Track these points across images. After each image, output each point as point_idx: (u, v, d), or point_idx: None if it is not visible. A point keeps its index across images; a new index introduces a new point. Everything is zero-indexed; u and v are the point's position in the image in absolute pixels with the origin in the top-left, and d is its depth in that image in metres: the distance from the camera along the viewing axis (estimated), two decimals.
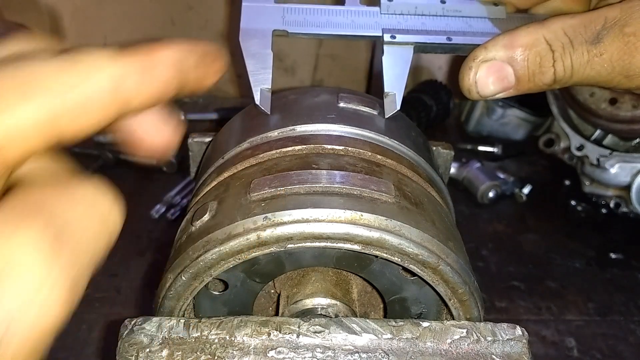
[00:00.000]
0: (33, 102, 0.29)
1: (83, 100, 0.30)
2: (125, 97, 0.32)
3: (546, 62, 0.43)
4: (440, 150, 0.62)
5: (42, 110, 0.29)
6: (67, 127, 0.30)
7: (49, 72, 0.30)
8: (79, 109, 0.30)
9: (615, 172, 1.07)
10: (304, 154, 0.48)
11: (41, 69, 0.30)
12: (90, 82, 0.31)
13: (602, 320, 0.87)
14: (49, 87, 0.29)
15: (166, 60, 0.35)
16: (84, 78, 0.31)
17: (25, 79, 0.29)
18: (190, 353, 0.40)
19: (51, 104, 0.29)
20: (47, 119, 0.29)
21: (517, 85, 0.45)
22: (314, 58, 1.54)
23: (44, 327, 0.25)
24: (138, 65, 0.33)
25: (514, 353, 0.41)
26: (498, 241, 1.05)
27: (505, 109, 1.34)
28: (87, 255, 0.30)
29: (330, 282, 0.49)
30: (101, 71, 0.32)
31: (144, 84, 0.33)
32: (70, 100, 0.30)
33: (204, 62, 0.39)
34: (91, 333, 0.80)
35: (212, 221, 0.43)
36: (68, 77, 0.30)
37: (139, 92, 0.33)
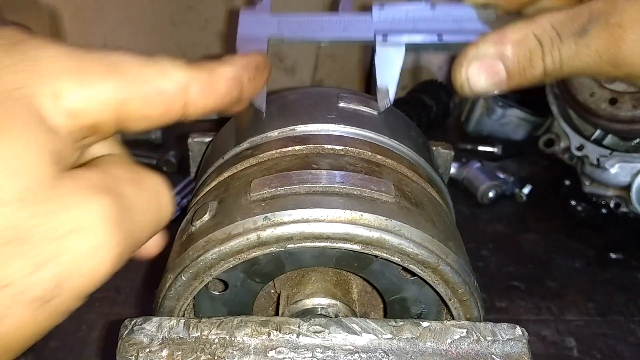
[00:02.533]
0: (113, 81, 0.34)
1: (153, 93, 0.35)
2: (187, 102, 0.37)
3: (536, 56, 0.44)
4: (440, 150, 0.62)
5: (118, 90, 0.34)
6: (134, 113, 0.35)
7: (132, 63, 0.35)
8: (147, 100, 0.35)
9: (615, 172, 1.07)
10: (304, 154, 0.48)
11: (125, 59, 0.35)
12: (163, 79, 0.35)
13: (602, 320, 0.87)
14: (129, 74, 0.34)
15: (226, 76, 0.40)
16: (159, 75, 0.35)
17: (110, 62, 0.35)
18: (190, 353, 0.40)
19: (127, 88, 0.34)
20: (121, 98, 0.34)
21: (508, 80, 0.45)
22: (314, 58, 1.54)
23: (90, 281, 0.31)
24: (203, 77, 0.38)
25: (514, 353, 0.41)
26: (498, 241, 1.05)
27: (505, 109, 1.34)
28: (140, 236, 0.35)
29: (330, 282, 0.49)
30: (173, 74, 0.36)
31: (205, 94, 0.38)
32: (143, 89, 0.35)
33: (256, 75, 0.45)
34: (91, 333, 0.80)
35: (212, 221, 0.43)
36: (146, 71, 0.35)
37: (199, 100, 0.38)
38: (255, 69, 0.45)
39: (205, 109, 0.39)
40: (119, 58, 0.35)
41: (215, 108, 0.40)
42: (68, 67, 0.33)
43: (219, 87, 0.40)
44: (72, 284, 0.30)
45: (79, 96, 0.33)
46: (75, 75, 0.33)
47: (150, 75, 0.36)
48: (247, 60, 0.44)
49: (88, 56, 0.35)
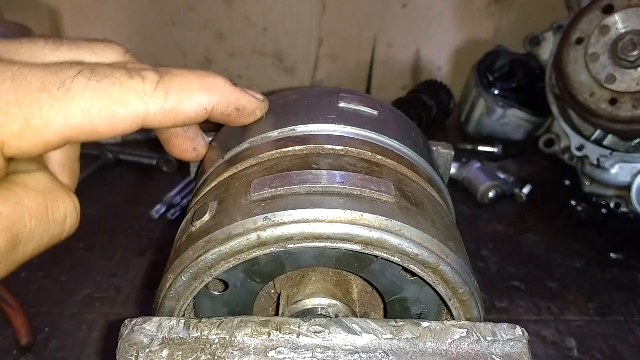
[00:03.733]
0: (61, 118, 0.38)
1: (105, 122, 0.39)
2: (145, 122, 0.41)
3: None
4: (440, 150, 0.62)
5: (66, 127, 0.38)
6: (81, 137, 0.40)
7: (89, 93, 0.39)
8: (95, 126, 0.39)
9: (615, 172, 1.07)
10: (304, 154, 0.48)
11: (86, 90, 0.39)
12: (120, 107, 0.40)
13: (602, 320, 0.87)
14: (86, 101, 0.39)
15: (197, 103, 0.43)
16: (116, 103, 0.40)
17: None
18: (190, 353, 0.40)
19: (80, 119, 0.39)
20: (67, 136, 0.39)
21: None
22: (314, 58, 1.54)
23: None
24: (170, 104, 0.42)
25: (514, 353, 0.41)
26: (498, 241, 1.05)
27: (505, 109, 1.34)
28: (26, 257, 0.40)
29: (330, 282, 0.49)
30: (132, 103, 0.40)
31: (164, 118, 0.42)
32: (94, 118, 0.39)
33: (231, 113, 0.47)
34: (91, 333, 0.80)
35: (212, 221, 0.43)
36: (105, 95, 0.39)
37: (157, 122, 0.42)
38: (236, 109, 0.47)
39: (161, 127, 0.44)
40: (74, 102, 0.38)
41: (174, 127, 0.45)
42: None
43: (182, 114, 0.43)
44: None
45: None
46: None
47: (103, 107, 0.39)
48: (234, 98, 0.47)
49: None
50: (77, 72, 0.39)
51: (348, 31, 1.51)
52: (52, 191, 0.41)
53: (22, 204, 0.38)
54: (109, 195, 1.15)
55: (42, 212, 0.40)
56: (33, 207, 0.39)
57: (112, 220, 1.06)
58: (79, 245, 0.99)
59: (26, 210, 0.39)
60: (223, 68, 1.54)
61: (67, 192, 0.43)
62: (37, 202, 0.40)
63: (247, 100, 0.48)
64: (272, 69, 1.55)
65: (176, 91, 0.42)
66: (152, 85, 0.41)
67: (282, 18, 1.48)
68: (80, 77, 0.39)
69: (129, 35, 1.49)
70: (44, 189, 0.41)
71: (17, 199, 0.38)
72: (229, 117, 0.47)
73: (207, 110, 0.44)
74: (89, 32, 1.48)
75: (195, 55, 1.52)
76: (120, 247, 1.00)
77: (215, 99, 0.45)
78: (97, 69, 0.40)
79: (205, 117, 0.45)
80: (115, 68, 0.41)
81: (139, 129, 0.42)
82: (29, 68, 0.38)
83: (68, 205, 0.42)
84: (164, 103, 0.41)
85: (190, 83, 0.43)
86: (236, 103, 0.47)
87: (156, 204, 1.09)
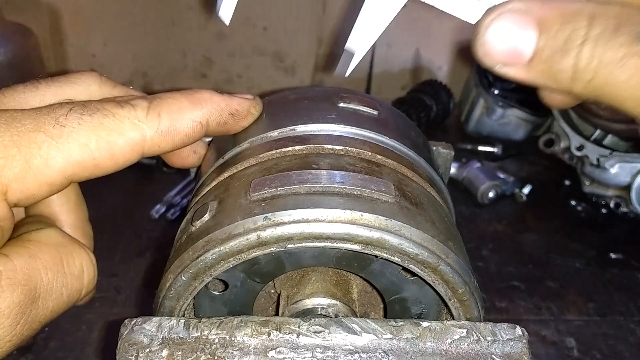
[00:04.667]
0: (61, 159, 0.38)
1: (105, 156, 0.40)
2: (144, 151, 0.42)
3: (574, 39, 0.32)
4: (440, 150, 0.62)
5: (67, 164, 0.39)
6: (84, 174, 0.40)
7: (84, 128, 0.39)
8: (98, 163, 0.40)
9: (615, 172, 1.07)
10: (304, 154, 0.48)
11: (77, 126, 0.39)
12: (116, 140, 0.40)
13: (602, 320, 0.87)
14: (79, 140, 0.39)
15: (191, 119, 0.44)
16: (113, 135, 0.40)
17: (60, 132, 0.39)
18: (190, 353, 0.40)
19: (76, 158, 0.39)
20: (70, 173, 0.40)
21: (529, 63, 0.34)
22: (314, 58, 1.54)
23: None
24: (164, 126, 0.42)
25: (514, 353, 0.41)
26: (498, 241, 1.05)
27: (505, 109, 1.34)
28: (47, 317, 0.40)
29: (330, 282, 0.49)
30: (128, 132, 0.40)
31: (162, 141, 0.42)
32: (94, 156, 0.40)
33: (228, 121, 0.47)
34: (91, 333, 0.80)
35: (212, 221, 0.43)
36: (99, 133, 0.39)
37: (155, 148, 0.42)
38: (230, 115, 0.47)
39: (163, 152, 0.44)
40: (71, 138, 0.38)
41: (175, 149, 0.45)
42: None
43: (179, 133, 0.43)
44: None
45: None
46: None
47: (101, 140, 0.39)
48: (225, 104, 0.47)
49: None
50: (69, 109, 0.39)
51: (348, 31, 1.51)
52: (66, 245, 0.42)
53: (36, 258, 0.38)
54: (109, 195, 1.14)
55: (57, 265, 0.40)
56: (48, 260, 0.39)
57: (112, 220, 1.06)
58: None
59: (41, 264, 0.38)
60: (223, 68, 1.54)
61: (81, 246, 0.43)
62: (52, 255, 0.40)
63: (238, 103, 0.48)
64: (272, 69, 1.55)
65: (168, 112, 0.43)
66: (144, 111, 0.42)
67: (282, 18, 1.48)
68: (73, 113, 0.39)
69: (129, 36, 1.49)
70: (57, 243, 0.41)
71: (31, 253, 0.38)
72: (227, 124, 0.47)
73: (203, 124, 0.45)
74: (89, 32, 1.48)
75: (195, 55, 1.52)
76: (120, 247, 1.00)
77: (207, 110, 0.45)
78: (87, 104, 0.41)
79: (203, 132, 0.45)
80: (105, 102, 0.42)
81: (142, 157, 0.43)
82: (21, 112, 0.38)
83: (84, 258, 0.42)
84: (158, 126, 0.42)
85: (179, 102, 0.44)
86: (228, 109, 0.47)
87: (156, 204, 1.09)
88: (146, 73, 1.54)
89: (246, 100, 0.50)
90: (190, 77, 1.56)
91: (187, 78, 1.56)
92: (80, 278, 0.42)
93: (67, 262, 0.41)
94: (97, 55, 1.52)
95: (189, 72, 1.55)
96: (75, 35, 1.50)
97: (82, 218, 0.50)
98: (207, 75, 1.55)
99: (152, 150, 0.42)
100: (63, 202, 0.48)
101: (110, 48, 1.50)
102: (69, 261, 0.41)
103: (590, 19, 0.32)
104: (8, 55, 1.27)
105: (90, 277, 0.43)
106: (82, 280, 0.42)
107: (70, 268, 0.41)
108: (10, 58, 1.28)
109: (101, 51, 1.51)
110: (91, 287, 0.43)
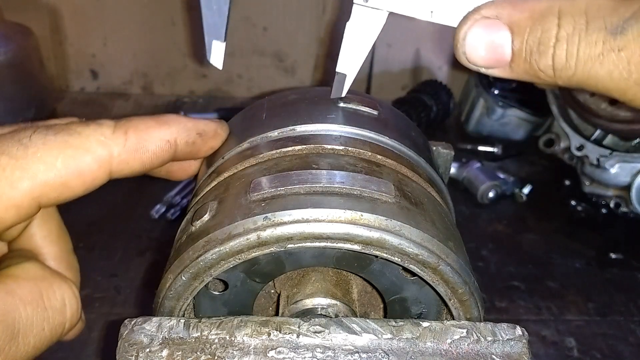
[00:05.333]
0: (28, 179, 0.38)
1: (72, 175, 0.40)
2: (112, 170, 0.42)
3: (546, 40, 0.33)
4: (440, 150, 0.62)
5: (34, 185, 0.38)
6: (53, 198, 0.40)
7: (49, 147, 0.38)
8: (66, 183, 0.39)
9: (615, 172, 1.07)
10: (304, 154, 0.48)
11: (43, 147, 0.39)
12: (82, 158, 0.40)
13: (602, 320, 0.87)
14: (46, 161, 0.38)
15: (159, 137, 0.44)
16: (79, 154, 0.40)
17: (26, 155, 0.38)
18: (190, 353, 0.40)
19: (42, 179, 0.39)
20: (37, 193, 0.39)
21: (512, 62, 0.36)
22: (314, 58, 1.54)
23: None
24: (131, 144, 0.42)
25: (514, 353, 0.41)
26: (498, 241, 1.05)
27: (505, 109, 1.34)
28: (28, 353, 0.38)
29: (330, 282, 0.49)
30: (95, 149, 0.40)
31: (130, 160, 0.42)
32: (61, 175, 0.39)
33: (196, 140, 0.47)
34: (91, 333, 0.80)
35: (212, 221, 0.43)
36: (66, 153, 0.39)
37: (124, 167, 0.42)
38: (198, 134, 0.48)
39: (133, 172, 0.44)
40: (35, 158, 0.38)
41: (144, 170, 0.45)
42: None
43: (147, 151, 0.43)
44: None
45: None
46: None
47: (67, 158, 0.38)
48: (192, 124, 0.47)
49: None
50: (33, 131, 0.39)
51: None
52: (45, 278, 0.41)
53: (13, 293, 0.37)
54: (109, 195, 1.14)
55: (36, 300, 0.39)
56: (26, 295, 0.38)
57: (112, 220, 1.06)
58: (79, 245, 0.98)
59: (19, 299, 0.37)
60: (223, 68, 1.53)
61: (62, 279, 0.42)
62: (30, 289, 0.39)
63: (205, 123, 0.49)
64: (272, 69, 1.54)
65: (135, 131, 0.43)
66: (110, 128, 0.42)
67: (282, 18, 1.48)
68: (37, 134, 0.39)
69: (129, 36, 1.49)
70: (35, 277, 0.40)
71: (7, 289, 0.37)
72: (195, 144, 0.48)
73: (171, 143, 0.45)
74: (89, 32, 1.48)
75: (195, 56, 1.52)
76: (120, 247, 1.00)
77: (175, 130, 0.45)
78: (52, 125, 0.40)
79: (172, 152, 0.45)
80: (69, 122, 0.41)
81: (111, 178, 0.42)
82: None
83: (65, 291, 0.41)
84: (125, 143, 0.42)
85: (146, 122, 0.44)
86: (195, 129, 0.47)
87: (156, 204, 1.09)
88: (146, 73, 1.54)
89: (212, 122, 0.50)
90: (190, 77, 1.55)
91: (187, 78, 1.56)
92: (63, 312, 0.40)
93: (47, 295, 0.40)
94: (97, 55, 1.52)
95: (189, 72, 1.55)
96: (75, 35, 1.50)
97: (65, 250, 0.48)
98: (207, 75, 1.55)
99: (121, 169, 0.42)
100: (45, 235, 0.47)
101: (110, 48, 1.50)
102: (49, 295, 0.40)
103: (559, 17, 0.33)
104: (8, 55, 1.27)
105: (73, 310, 0.41)
106: (65, 314, 0.41)
107: (51, 302, 0.40)
108: (10, 58, 1.28)
109: (101, 51, 1.51)
110: (75, 320, 0.42)
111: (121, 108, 1.48)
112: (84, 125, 0.41)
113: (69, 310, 0.41)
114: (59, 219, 0.49)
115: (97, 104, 1.49)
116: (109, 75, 1.53)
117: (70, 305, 0.41)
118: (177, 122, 0.46)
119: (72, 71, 1.54)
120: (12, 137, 0.38)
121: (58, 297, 0.40)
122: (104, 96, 1.52)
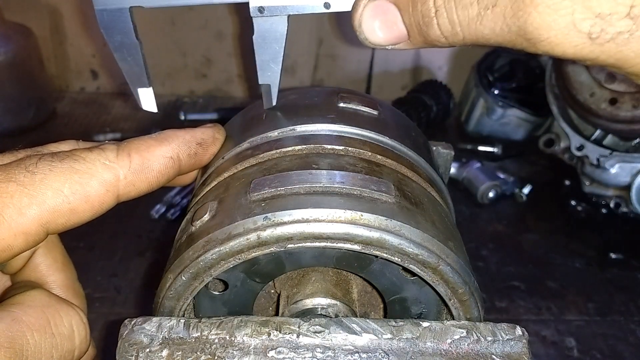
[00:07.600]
0: (35, 209, 0.38)
1: (80, 202, 0.40)
2: (119, 193, 0.42)
3: (427, 13, 0.35)
4: (440, 150, 0.62)
5: (42, 215, 0.39)
6: (62, 224, 0.40)
7: (54, 177, 0.38)
8: (74, 210, 0.40)
9: (615, 172, 1.07)
10: (304, 154, 0.48)
11: (47, 176, 0.39)
12: (88, 185, 0.40)
13: (602, 320, 0.87)
14: (51, 190, 0.38)
15: (162, 155, 0.44)
16: (85, 180, 0.40)
17: (33, 189, 0.39)
18: (190, 353, 0.40)
19: (50, 208, 0.39)
20: (45, 220, 0.39)
21: (410, 38, 0.38)
22: (314, 58, 1.54)
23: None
24: (135, 165, 0.42)
25: (514, 353, 0.41)
26: (498, 241, 1.05)
27: (505, 109, 1.34)
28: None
29: (330, 282, 0.49)
30: (100, 175, 0.40)
31: (136, 181, 0.42)
32: (69, 202, 0.39)
33: (198, 150, 0.48)
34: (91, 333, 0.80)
35: (212, 221, 0.43)
36: (71, 180, 0.39)
37: (131, 188, 0.42)
38: (198, 145, 0.48)
39: (140, 193, 0.44)
40: (43, 184, 0.38)
41: (151, 189, 0.44)
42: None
43: (152, 170, 0.43)
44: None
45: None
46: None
47: (74, 184, 0.39)
48: (190, 136, 0.48)
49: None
50: (39, 158, 0.39)
51: (348, 31, 1.51)
52: (52, 305, 0.41)
53: (19, 320, 0.37)
54: None
55: (44, 327, 0.39)
56: (33, 322, 0.38)
57: (112, 220, 1.06)
58: (79, 245, 0.99)
59: (26, 326, 0.37)
60: (223, 68, 1.54)
61: (70, 306, 0.42)
62: (37, 316, 0.39)
63: (202, 132, 0.49)
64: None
65: (137, 151, 0.43)
66: (113, 152, 0.42)
67: None
68: (43, 161, 0.39)
69: None
70: (41, 304, 0.40)
71: (14, 317, 0.37)
72: (197, 155, 0.48)
73: (174, 158, 0.45)
74: (89, 32, 1.48)
75: (195, 55, 1.52)
76: (120, 247, 1.00)
77: (175, 145, 0.46)
78: (57, 153, 0.41)
79: (176, 168, 0.46)
80: (73, 149, 0.42)
81: (119, 201, 0.42)
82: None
83: (73, 317, 0.41)
84: (130, 165, 0.42)
85: (147, 142, 0.44)
86: (194, 139, 0.48)
87: (156, 204, 1.09)
88: None
89: (208, 128, 0.50)
90: (190, 77, 1.55)
91: (187, 78, 1.56)
92: (71, 338, 0.40)
93: (54, 322, 0.39)
94: (97, 55, 1.52)
95: (189, 72, 1.55)
96: (75, 35, 1.50)
97: (71, 277, 0.49)
98: (207, 75, 1.55)
99: (128, 191, 0.42)
100: (50, 263, 0.47)
101: (110, 48, 1.50)
102: (56, 322, 0.40)
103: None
104: (8, 55, 1.27)
105: (82, 336, 0.41)
106: (74, 341, 0.41)
107: (59, 328, 0.40)
108: (10, 58, 1.28)
109: (101, 51, 1.51)
110: (84, 347, 0.42)
111: (121, 108, 1.48)
112: (88, 151, 0.41)
113: (78, 337, 0.41)
114: (63, 248, 0.49)
115: (97, 104, 1.49)
116: (109, 75, 1.53)
117: (79, 331, 0.41)
118: (175, 137, 0.46)
119: (72, 71, 1.54)
120: (19, 165, 0.38)
121: (66, 324, 0.40)
122: (104, 96, 1.52)
